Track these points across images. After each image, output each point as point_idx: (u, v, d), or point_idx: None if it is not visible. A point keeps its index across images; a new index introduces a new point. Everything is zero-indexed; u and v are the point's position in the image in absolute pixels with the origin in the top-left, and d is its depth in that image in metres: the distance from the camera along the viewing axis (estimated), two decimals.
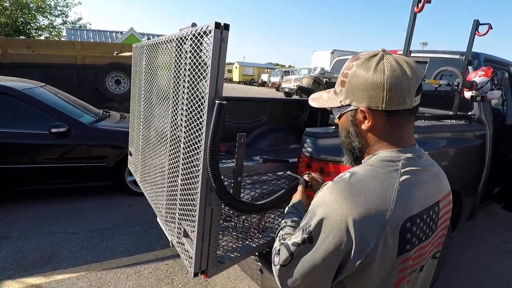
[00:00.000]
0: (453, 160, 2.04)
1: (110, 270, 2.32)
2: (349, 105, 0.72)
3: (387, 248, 0.63)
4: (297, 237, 0.68)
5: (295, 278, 0.68)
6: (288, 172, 1.32)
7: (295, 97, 14.21)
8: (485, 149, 2.31)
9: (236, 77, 35.47)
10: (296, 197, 0.98)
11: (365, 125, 0.70)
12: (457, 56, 2.49)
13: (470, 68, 2.34)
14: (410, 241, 0.65)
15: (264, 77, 30.15)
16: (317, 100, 0.84)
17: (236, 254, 1.28)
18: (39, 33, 20.13)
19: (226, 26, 0.98)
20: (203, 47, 1.06)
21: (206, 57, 1.03)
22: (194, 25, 1.16)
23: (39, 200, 3.38)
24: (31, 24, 19.42)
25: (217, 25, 0.96)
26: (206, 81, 1.02)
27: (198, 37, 1.07)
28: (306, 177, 1.09)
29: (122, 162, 3.42)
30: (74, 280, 2.20)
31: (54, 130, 3.10)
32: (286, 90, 18.63)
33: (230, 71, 37.53)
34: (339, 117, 0.77)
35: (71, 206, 3.29)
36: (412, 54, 2.76)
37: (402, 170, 0.67)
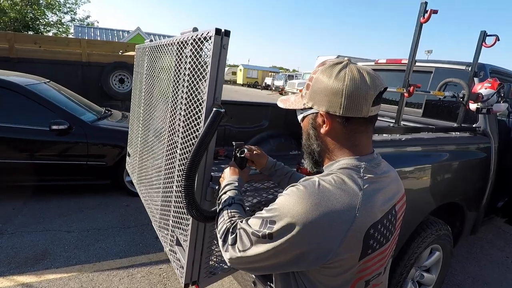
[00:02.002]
0: (456, 173, 1.99)
1: (103, 272, 2.29)
2: (311, 108, 0.75)
3: (350, 253, 0.65)
4: (257, 226, 0.69)
5: (247, 262, 0.71)
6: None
7: None
8: (490, 162, 2.26)
9: (240, 80, 35.52)
10: (236, 174, 0.98)
11: (323, 129, 0.73)
12: (463, 67, 2.45)
13: (476, 79, 2.30)
14: (372, 246, 0.68)
15: (268, 81, 30.16)
16: (285, 101, 0.87)
17: (229, 265, 1.25)
18: (48, 29, 20.27)
19: (227, 33, 0.95)
20: (203, 53, 1.04)
21: (206, 62, 1.01)
22: (195, 29, 1.14)
23: (37, 196, 3.36)
24: (40, 20, 19.57)
25: (218, 31, 0.94)
26: (204, 87, 1.00)
27: (199, 42, 1.05)
28: (247, 154, 1.05)
29: (121, 161, 3.40)
30: (65, 280, 2.18)
31: (54, 127, 3.09)
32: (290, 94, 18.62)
33: (234, 73, 37.59)
34: (302, 120, 0.80)
35: (68, 204, 3.27)
36: (417, 64, 2.73)
37: (364, 178, 0.69)
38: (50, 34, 19.67)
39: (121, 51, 6.75)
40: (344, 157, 0.72)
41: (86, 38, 15.57)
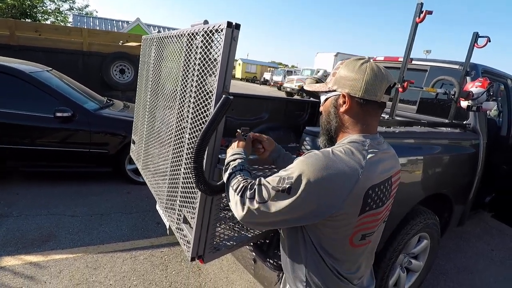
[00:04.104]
0: (445, 166, 2.11)
1: (107, 254, 2.39)
2: (335, 90, 0.91)
3: (352, 208, 0.80)
4: (275, 182, 0.80)
5: (265, 215, 0.80)
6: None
7: (296, 97, 14.25)
8: (478, 158, 2.38)
9: (238, 74, 35.42)
10: (242, 146, 1.08)
11: (343, 108, 0.89)
12: (456, 66, 2.55)
13: (468, 78, 2.41)
14: (369, 204, 0.82)
15: (267, 76, 30.11)
16: (310, 86, 1.03)
17: (232, 242, 1.35)
18: (45, 17, 20.02)
19: (237, 26, 1.04)
20: (213, 44, 1.12)
21: (216, 53, 1.09)
22: (206, 22, 1.22)
23: (41, 182, 3.44)
24: (38, 8, 19.32)
25: (229, 24, 1.03)
26: (215, 76, 1.08)
27: (210, 34, 1.13)
28: (251, 135, 1.15)
29: (123, 150, 3.48)
30: (71, 260, 2.27)
31: (59, 114, 3.15)
32: (288, 90, 18.65)
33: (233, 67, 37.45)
34: (325, 101, 0.95)
35: (71, 190, 3.36)
36: (413, 62, 2.83)
37: (368, 150, 0.84)
38: (48, 22, 19.42)
39: (121, 42, 6.76)
40: (353, 134, 0.88)
41: (86, 27, 15.41)
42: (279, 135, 2.99)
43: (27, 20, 17.47)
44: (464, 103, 2.31)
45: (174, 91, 1.49)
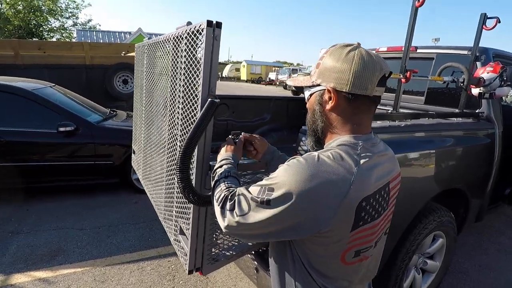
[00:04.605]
0: (458, 159, 1.99)
1: (114, 266, 2.37)
2: (319, 85, 0.79)
3: (342, 223, 0.69)
4: (255, 192, 0.72)
5: (245, 228, 0.73)
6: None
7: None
8: (494, 149, 2.25)
9: (244, 76, 35.47)
10: (230, 151, 1.01)
11: (329, 105, 0.77)
12: (465, 52, 2.42)
13: (478, 63, 2.28)
14: (363, 218, 0.72)
15: (272, 76, 30.04)
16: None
17: (231, 252, 1.29)
18: (51, 35, 20.60)
19: (218, 24, 0.98)
20: (197, 46, 1.07)
21: (199, 54, 1.04)
22: (189, 23, 1.17)
23: (49, 197, 3.46)
24: (43, 26, 19.88)
25: (209, 23, 0.97)
26: (199, 79, 1.03)
27: (192, 36, 1.08)
28: (242, 137, 1.11)
29: (127, 160, 3.46)
30: (79, 274, 2.26)
31: (62, 129, 3.17)
32: (293, 88, 18.53)
33: (238, 69, 37.54)
34: (309, 97, 0.84)
35: (79, 203, 3.37)
36: (418, 50, 2.70)
37: (361, 155, 0.73)
38: (54, 39, 19.95)
39: (123, 53, 6.82)
40: (343, 135, 0.77)
41: (89, 41, 15.72)
42: (283, 135, 2.92)
43: (34, 39, 17.97)
44: (475, 91, 2.18)
45: (165, 98, 1.45)
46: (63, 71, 5.92)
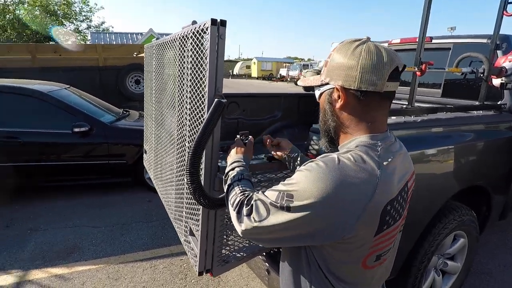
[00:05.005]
0: (480, 154, 1.89)
1: (127, 264, 2.40)
2: (328, 83, 0.76)
3: (366, 229, 0.67)
4: (273, 197, 0.69)
5: (262, 232, 0.71)
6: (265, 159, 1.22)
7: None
8: None
9: (254, 73, 35.36)
10: (241, 152, 1.00)
11: (338, 104, 0.74)
12: (484, 40, 2.29)
13: (498, 52, 2.16)
14: (387, 222, 0.70)
15: (283, 72, 29.83)
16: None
17: (242, 254, 1.27)
18: (67, 38, 21.12)
19: (223, 22, 0.95)
20: (202, 45, 1.04)
21: (205, 54, 1.01)
22: (194, 22, 1.14)
23: (65, 195, 3.55)
24: (59, 30, 20.40)
25: (213, 21, 0.94)
26: (205, 79, 1.00)
27: (197, 35, 1.06)
28: (252, 139, 1.10)
29: (140, 159, 3.50)
30: (94, 272, 2.30)
31: (76, 129, 3.24)
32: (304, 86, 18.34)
33: (248, 67, 37.45)
34: (319, 97, 0.82)
35: (93, 201, 3.44)
36: (434, 41, 2.60)
37: (382, 155, 0.70)
38: (69, 42, 20.48)
39: (135, 53, 6.91)
40: (360, 135, 0.73)
41: (102, 43, 16.03)
42: (294, 133, 2.87)
43: (50, 43, 18.49)
44: (496, 81, 2.07)
45: (173, 98, 1.44)
46: (77, 73, 6.06)
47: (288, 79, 26.53)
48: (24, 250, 2.54)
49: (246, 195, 0.77)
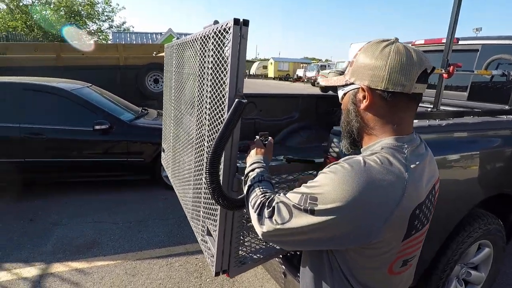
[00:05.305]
0: (508, 161, 1.79)
1: (144, 260, 2.44)
2: (353, 83, 0.75)
3: (394, 233, 0.65)
4: (296, 199, 0.67)
5: (284, 234, 0.69)
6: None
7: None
8: None
9: (271, 73, 35.30)
10: (261, 153, 0.99)
11: (363, 104, 0.72)
12: None
13: None
14: (416, 226, 0.68)
15: (300, 72, 29.60)
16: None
17: (259, 255, 1.26)
18: (89, 37, 21.84)
19: (245, 22, 0.94)
20: (224, 45, 1.04)
21: (226, 54, 1.01)
22: (216, 22, 1.14)
23: (85, 191, 3.66)
24: (82, 30, 21.13)
25: (236, 21, 0.94)
26: (226, 78, 1.00)
27: (219, 35, 1.05)
28: (272, 140, 1.08)
29: (158, 157, 3.56)
30: (112, 267, 2.36)
31: (97, 127, 3.33)
32: (323, 86, 18.12)
33: (265, 67, 37.44)
34: (342, 97, 0.80)
35: (112, 198, 3.53)
36: (461, 42, 2.50)
37: (409, 158, 0.68)
38: (92, 42, 21.15)
39: (154, 53, 7.04)
40: (385, 137, 0.72)
41: (123, 42, 16.46)
42: (311, 134, 2.84)
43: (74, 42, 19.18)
44: None
45: (193, 98, 1.45)
46: (99, 71, 6.24)
47: (305, 80, 26.30)
48: (46, 243, 2.64)
49: (267, 197, 0.76)
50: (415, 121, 1.60)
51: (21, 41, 12.74)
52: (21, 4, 19.17)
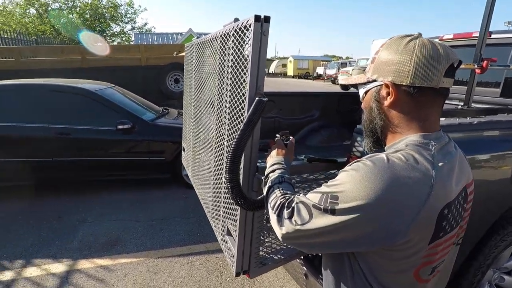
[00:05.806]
0: None
1: (166, 258, 2.49)
2: (375, 80, 0.72)
3: (421, 235, 0.62)
4: (316, 199, 0.65)
5: (304, 236, 0.66)
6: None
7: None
8: None
9: (290, 71, 35.04)
10: (282, 154, 0.97)
11: (387, 101, 0.70)
12: None
13: None
14: (444, 228, 0.64)
15: (320, 70, 29.16)
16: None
17: (279, 256, 1.24)
18: (113, 39, 22.61)
19: (267, 19, 0.92)
20: (244, 42, 1.03)
21: (247, 51, 1.00)
22: (236, 20, 1.13)
23: (109, 190, 3.78)
24: (106, 32, 21.91)
25: (257, 18, 0.92)
26: (246, 77, 0.99)
27: (240, 32, 1.04)
28: (293, 140, 1.07)
29: (178, 156, 3.61)
30: (135, 264, 2.42)
31: (120, 126, 3.43)
32: (343, 84, 17.77)
33: (284, 65, 37.20)
34: (364, 95, 0.78)
35: (135, 196, 3.62)
36: (493, 36, 2.36)
37: (436, 155, 0.64)
38: (115, 43, 21.86)
39: (175, 53, 7.17)
40: (410, 134, 0.68)
41: (145, 43, 16.89)
42: (333, 133, 2.78)
43: (98, 44, 19.92)
44: None
45: (212, 97, 1.45)
46: (122, 72, 6.43)
47: (326, 78, 25.88)
48: (73, 240, 2.74)
49: (287, 198, 0.74)
50: (443, 119, 1.52)
51: (49, 44, 13.36)
52: (49, 8, 20.12)
